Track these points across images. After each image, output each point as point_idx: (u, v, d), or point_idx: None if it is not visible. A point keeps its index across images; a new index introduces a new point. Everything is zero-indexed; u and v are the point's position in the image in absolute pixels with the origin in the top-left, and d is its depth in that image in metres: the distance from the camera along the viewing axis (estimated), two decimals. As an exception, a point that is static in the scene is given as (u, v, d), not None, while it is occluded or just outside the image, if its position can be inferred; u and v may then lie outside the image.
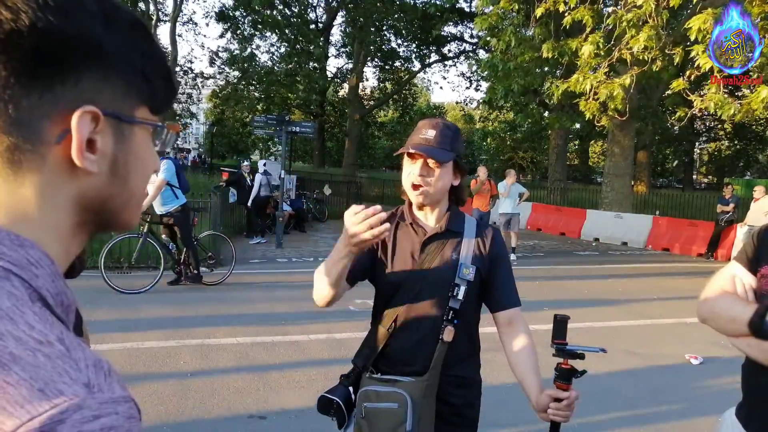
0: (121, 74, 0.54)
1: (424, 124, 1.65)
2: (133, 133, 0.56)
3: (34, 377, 0.40)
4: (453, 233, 1.68)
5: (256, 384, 4.08)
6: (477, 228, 1.72)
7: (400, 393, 1.59)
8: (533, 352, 1.66)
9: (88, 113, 0.51)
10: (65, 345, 0.44)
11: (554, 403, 1.49)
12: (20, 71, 0.48)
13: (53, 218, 0.52)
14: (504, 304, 1.70)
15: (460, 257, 1.65)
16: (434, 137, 1.59)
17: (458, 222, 1.70)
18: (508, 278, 1.72)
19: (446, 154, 1.59)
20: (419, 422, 1.57)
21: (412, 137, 1.64)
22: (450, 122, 1.70)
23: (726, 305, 1.37)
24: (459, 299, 1.61)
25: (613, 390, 4.25)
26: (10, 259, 0.47)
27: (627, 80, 9.11)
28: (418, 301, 1.65)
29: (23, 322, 0.43)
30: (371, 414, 1.61)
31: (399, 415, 1.57)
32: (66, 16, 0.49)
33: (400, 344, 1.66)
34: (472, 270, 1.63)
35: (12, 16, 0.46)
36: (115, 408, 0.42)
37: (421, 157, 1.58)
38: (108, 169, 0.54)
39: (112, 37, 0.52)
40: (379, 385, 1.63)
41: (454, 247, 1.66)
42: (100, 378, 0.43)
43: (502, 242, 1.75)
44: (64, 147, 0.51)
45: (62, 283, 0.51)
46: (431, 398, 1.60)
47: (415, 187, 1.60)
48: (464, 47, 28.43)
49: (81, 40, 0.50)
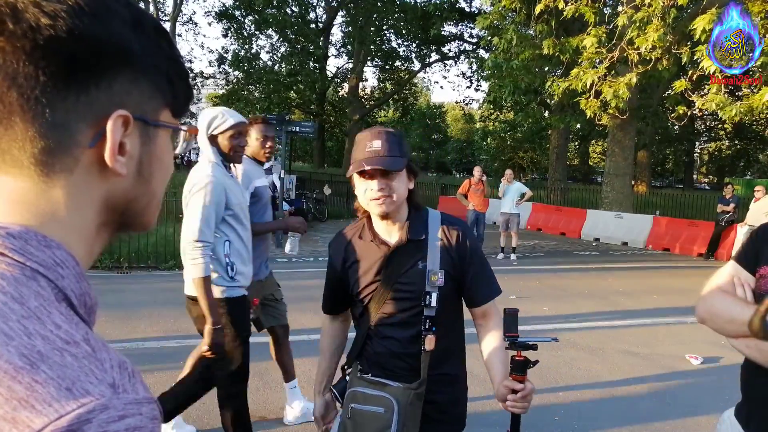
0: (149, 78, 0.55)
1: (365, 137, 1.59)
2: (156, 136, 0.58)
3: (61, 376, 0.41)
4: (416, 242, 1.65)
5: (256, 384, 4.08)
6: (441, 228, 1.68)
7: (387, 398, 1.59)
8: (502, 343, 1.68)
9: (120, 117, 0.52)
10: (90, 345, 0.45)
11: (511, 395, 1.51)
12: (58, 76, 0.49)
13: (81, 219, 0.53)
14: (478, 300, 1.71)
15: (427, 264, 1.62)
16: (382, 147, 1.55)
17: (420, 228, 1.67)
18: (480, 274, 1.70)
19: (399, 161, 1.56)
20: (404, 428, 1.57)
21: (357, 153, 1.58)
22: (389, 128, 1.66)
23: (725, 306, 1.37)
24: (433, 306, 1.60)
25: (613, 390, 4.25)
26: (38, 259, 0.48)
27: (633, 79, 9.09)
28: (390, 313, 1.65)
29: (50, 322, 0.44)
30: (357, 415, 1.62)
31: (384, 420, 1.57)
32: (100, 21, 0.50)
33: (378, 352, 1.68)
34: (441, 275, 1.61)
35: (50, 22, 0.47)
36: (139, 409, 0.43)
37: (375, 172, 1.55)
38: (135, 171, 0.56)
39: (141, 41, 0.54)
40: (367, 387, 1.64)
41: (419, 254, 1.64)
42: (124, 379, 0.45)
43: (469, 237, 1.72)
44: (97, 150, 0.52)
45: (86, 284, 0.53)
46: (418, 405, 1.61)
47: (375, 199, 1.57)
48: (464, 47, 28.45)
49: (114, 44, 0.51)
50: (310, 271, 8.74)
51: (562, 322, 6.17)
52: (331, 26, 29.05)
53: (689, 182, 37.64)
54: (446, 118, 50.11)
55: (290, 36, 24.19)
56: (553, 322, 6.13)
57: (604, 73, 9.39)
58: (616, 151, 15.48)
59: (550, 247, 12.93)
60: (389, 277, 1.64)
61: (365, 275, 1.67)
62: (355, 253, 1.70)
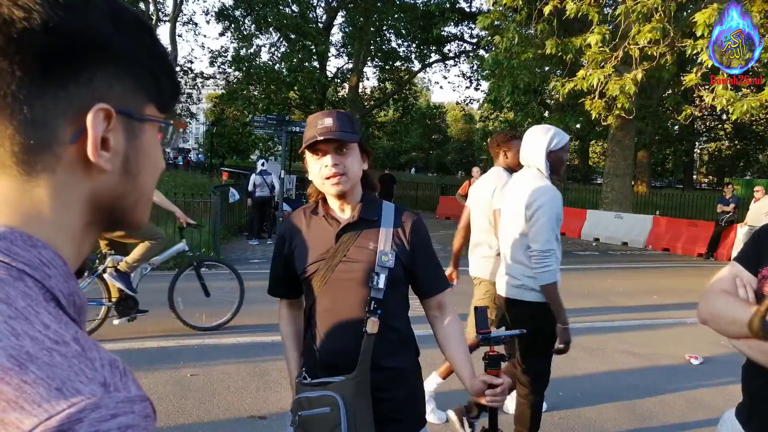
0: (131, 72, 0.54)
1: (316, 116, 1.57)
2: (142, 131, 0.57)
3: (51, 376, 0.40)
4: (369, 222, 1.61)
5: (256, 384, 4.08)
6: (396, 215, 1.64)
7: (330, 395, 1.51)
8: (462, 334, 1.67)
9: (101, 111, 0.51)
10: (80, 344, 0.44)
11: (490, 389, 1.49)
12: (34, 71, 0.48)
13: (66, 218, 0.52)
14: (431, 290, 1.67)
15: (379, 245, 1.58)
16: (333, 123, 1.52)
17: (373, 210, 1.63)
18: (432, 263, 1.68)
19: (352, 135, 1.54)
20: (356, 422, 1.49)
21: (309, 132, 1.55)
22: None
23: (726, 306, 1.37)
24: (380, 288, 1.54)
25: (613, 390, 4.25)
26: (24, 259, 0.47)
27: (639, 75, 9.07)
28: (338, 295, 1.59)
29: (39, 322, 0.44)
30: (306, 422, 1.54)
31: (332, 419, 1.49)
32: (76, 14, 0.49)
33: (327, 344, 1.60)
34: (392, 256, 1.57)
35: (24, 15, 0.46)
36: (131, 407, 0.43)
37: (328, 147, 1.53)
38: (120, 167, 0.55)
39: (121, 34, 0.53)
40: (310, 391, 1.57)
41: (372, 235, 1.60)
42: (116, 377, 0.44)
43: (422, 228, 1.68)
44: (79, 146, 0.51)
45: (74, 284, 0.51)
46: (365, 395, 1.52)
47: (330, 177, 1.54)
48: (464, 47, 28.44)
49: (92, 37, 0.50)
50: (310, 271, 8.73)
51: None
52: (331, 26, 29.03)
53: (689, 182, 37.62)
54: (446, 118, 50.10)
55: (290, 35, 24.17)
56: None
57: (609, 73, 9.36)
58: (616, 151, 15.47)
59: (550, 247, 12.91)
60: (336, 254, 1.58)
61: (312, 251, 1.62)
62: (306, 229, 1.66)
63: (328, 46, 26.35)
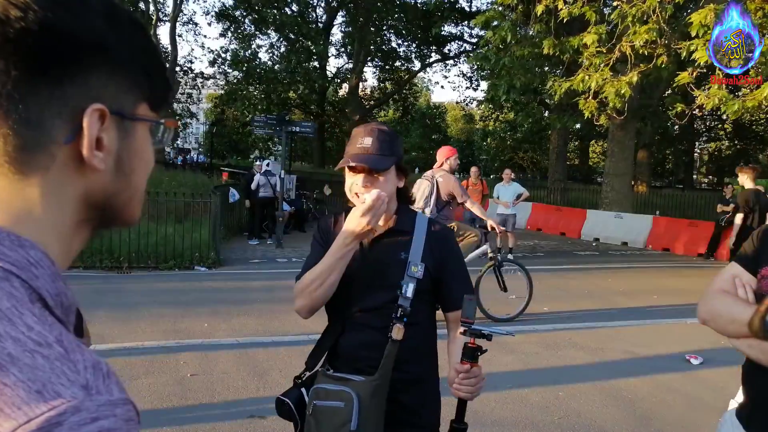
0: (125, 71, 0.54)
1: (359, 132, 1.64)
2: (135, 130, 0.57)
3: (31, 379, 0.40)
4: (402, 232, 1.68)
5: (256, 384, 4.08)
6: (429, 228, 1.70)
7: (347, 392, 1.57)
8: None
9: (96, 111, 0.51)
10: (64, 346, 0.44)
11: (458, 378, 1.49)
12: (30, 70, 0.48)
13: (58, 217, 0.52)
14: (455, 306, 1.70)
15: (409, 255, 1.64)
16: (372, 145, 1.59)
17: (407, 221, 1.70)
18: (459, 278, 1.72)
19: (386, 160, 1.60)
20: (366, 422, 1.55)
21: (350, 147, 1.63)
22: (385, 126, 1.68)
23: (726, 306, 1.37)
24: (408, 297, 1.60)
25: (613, 390, 4.25)
26: (10, 259, 0.47)
27: (634, 78, 9.08)
28: (366, 300, 1.64)
29: (22, 324, 0.43)
30: (318, 412, 1.61)
31: (344, 414, 1.55)
32: (73, 13, 0.49)
33: (350, 343, 1.66)
34: (421, 268, 1.63)
35: (21, 15, 0.46)
36: (113, 410, 0.42)
37: (363, 167, 1.59)
38: (113, 166, 0.55)
39: (116, 33, 0.53)
40: (330, 383, 1.63)
41: (403, 245, 1.66)
42: (98, 380, 0.43)
43: (453, 241, 1.75)
44: (73, 145, 0.51)
45: (62, 284, 0.51)
46: (381, 398, 1.58)
47: (358, 196, 1.61)
48: (464, 47, 28.44)
49: (87, 37, 0.50)
50: (310, 271, 8.72)
51: (562, 322, 6.18)
52: (331, 26, 29.03)
53: (689, 182, 37.61)
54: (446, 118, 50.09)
55: (289, 35, 24.17)
56: (553, 322, 6.13)
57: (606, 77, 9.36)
58: (616, 151, 15.47)
59: (550, 247, 12.93)
60: (370, 263, 1.65)
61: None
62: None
63: (327, 47, 26.35)
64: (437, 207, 5.65)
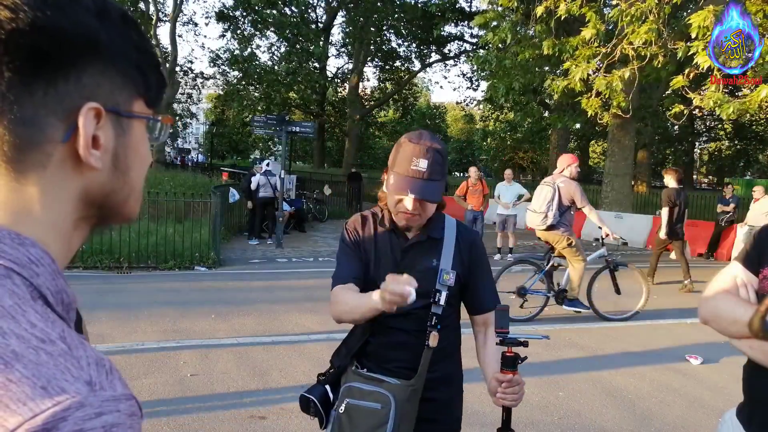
0: (119, 68, 0.54)
1: (413, 151, 1.55)
2: (131, 127, 0.57)
3: (36, 375, 0.40)
4: (433, 239, 1.69)
5: (256, 384, 4.08)
6: (457, 233, 1.73)
7: (384, 394, 1.60)
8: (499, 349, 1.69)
9: (92, 110, 0.51)
10: (67, 343, 0.44)
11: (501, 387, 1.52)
12: (23, 70, 0.48)
13: (56, 215, 0.53)
14: (482, 308, 1.74)
15: (441, 263, 1.67)
16: (427, 168, 1.53)
17: (438, 228, 1.71)
18: (487, 282, 1.76)
19: (440, 187, 1.58)
20: (400, 425, 1.58)
21: (401, 164, 1.56)
22: (438, 141, 1.61)
23: (727, 307, 1.37)
24: (441, 305, 1.64)
25: (613, 390, 4.25)
26: (11, 257, 0.47)
27: (627, 73, 9.09)
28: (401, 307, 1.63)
29: (25, 321, 0.44)
30: (353, 410, 1.62)
31: (381, 416, 1.58)
32: (63, 12, 0.49)
33: (386, 346, 1.69)
34: (452, 275, 1.66)
35: (12, 15, 0.46)
36: (116, 405, 0.43)
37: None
38: (110, 164, 0.55)
39: (108, 30, 0.53)
40: (364, 383, 1.65)
41: (435, 253, 1.68)
42: (101, 376, 0.44)
43: (481, 247, 1.78)
44: (70, 144, 0.51)
45: (62, 281, 0.51)
46: (415, 403, 1.62)
47: (404, 214, 1.60)
48: (464, 47, 28.45)
49: (80, 35, 0.50)
50: (310, 271, 8.72)
51: (562, 322, 6.18)
52: (331, 26, 29.04)
53: (689, 182, 37.61)
54: (446, 118, 50.11)
55: (289, 36, 24.16)
56: (553, 322, 6.13)
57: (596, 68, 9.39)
58: (616, 151, 15.47)
59: (550, 247, 12.90)
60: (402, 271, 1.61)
61: (380, 261, 1.69)
62: (373, 238, 1.72)
63: (326, 48, 26.35)
64: (559, 211, 6.21)
